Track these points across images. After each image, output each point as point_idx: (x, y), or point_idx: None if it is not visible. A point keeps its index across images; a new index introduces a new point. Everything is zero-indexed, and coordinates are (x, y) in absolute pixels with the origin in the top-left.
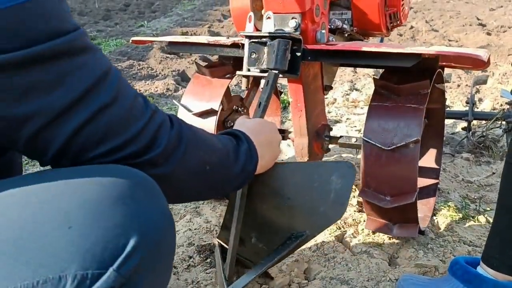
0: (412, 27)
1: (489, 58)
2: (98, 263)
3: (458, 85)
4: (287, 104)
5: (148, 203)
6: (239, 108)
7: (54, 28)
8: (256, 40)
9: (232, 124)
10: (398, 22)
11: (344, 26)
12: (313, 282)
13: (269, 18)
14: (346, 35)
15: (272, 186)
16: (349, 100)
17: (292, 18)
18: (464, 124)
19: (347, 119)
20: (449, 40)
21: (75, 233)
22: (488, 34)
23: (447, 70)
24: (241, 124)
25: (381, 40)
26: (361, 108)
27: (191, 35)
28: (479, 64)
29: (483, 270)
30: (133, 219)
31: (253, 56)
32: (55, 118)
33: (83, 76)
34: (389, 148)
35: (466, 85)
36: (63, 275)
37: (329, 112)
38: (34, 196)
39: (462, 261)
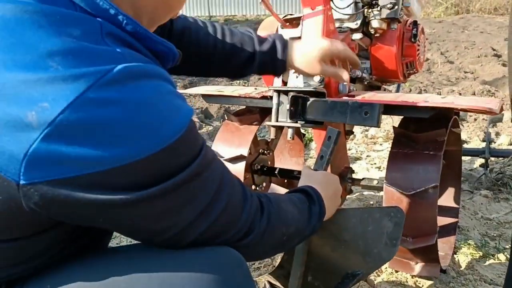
0: (427, 59)
1: (502, 107)
2: None
3: (475, 119)
4: (307, 141)
5: (239, 284)
6: (265, 151)
7: (189, 158)
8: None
9: (258, 167)
10: (414, 70)
11: (364, 75)
12: None
13: (295, 73)
14: (365, 83)
15: (330, 230)
16: (368, 136)
17: None
18: (482, 161)
19: (367, 156)
20: (465, 72)
21: None
22: (504, 65)
23: None
24: (309, 176)
25: (398, 86)
26: (380, 144)
27: None
28: (492, 113)
29: None
30: None
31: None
32: (182, 230)
33: (206, 191)
34: (410, 193)
35: (483, 119)
36: None
37: (349, 149)
38: (155, 268)
39: None
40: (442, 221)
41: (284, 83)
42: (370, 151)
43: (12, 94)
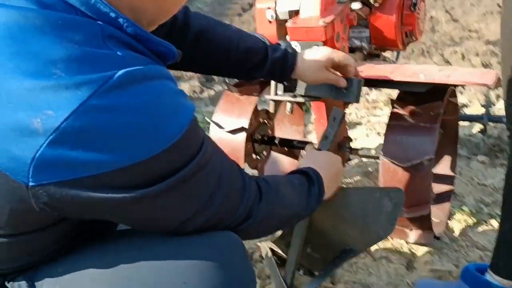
0: (431, 17)
1: (498, 79)
2: None
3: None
4: (307, 109)
5: (241, 272)
6: (265, 121)
7: (190, 155)
8: None
9: (259, 136)
10: (414, 38)
11: (363, 44)
12: (338, 286)
13: (296, 46)
14: (364, 52)
15: (331, 207)
16: (369, 101)
17: (315, 45)
18: (481, 126)
19: (367, 121)
20: (469, 31)
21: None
22: None
23: None
24: (312, 156)
25: (398, 54)
26: (381, 109)
27: None
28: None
29: (491, 276)
30: (227, 279)
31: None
32: (185, 221)
33: (207, 185)
34: (405, 166)
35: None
36: None
37: (349, 114)
38: (166, 250)
39: (472, 268)
40: (437, 188)
41: None
42: (370, 116)
43: (18, 101)
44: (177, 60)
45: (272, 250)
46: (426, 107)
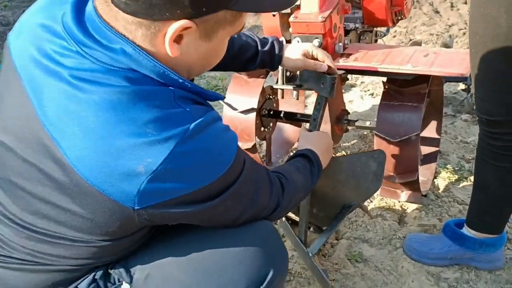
0: None
1: None
2: (255, 283)
3: (464, 33)
4: None
5: (278, 249)
6: (271, 96)
7: (239, 172)
8: None
9: (266, 111)
10: (403, 16)
11: (357, 25)
12: (341, 241)
13: (298, 41)
14: (358, 31)
15: (328, 174)
16: None
17: (316, 38)
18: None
19: (361, 82)
20: None
21: (244, 267)
22: None
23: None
24: (306, 137)
25: (387, 30)
26: None
27: None
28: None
29: (467, 230)
30: (271, 259)
31: (287, 74)
32: (236, 219)
33: (250, 191)
34: (396, 140)
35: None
36: None
37: (346, 80)
38: (223, 239)
39: (452, 223)
40: (425, 150)
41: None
42: (364, 77)
43: (126, 155)
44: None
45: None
46: (413, 88)
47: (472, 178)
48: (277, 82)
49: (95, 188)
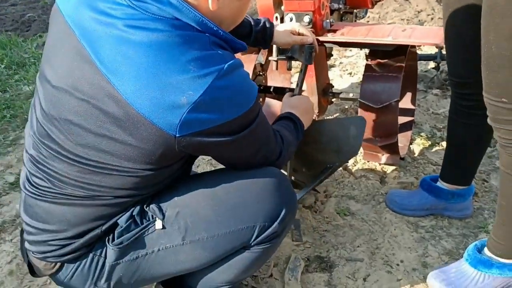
0: None
1: None
2: (270, 220)
3: (432, 19)
4: None
5: (289, 191)
6: (260, 72)
7: (256, 112)
8: None
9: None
10: None
11: (340, 6)
12: (330, 199)
13: (291, 19)
14: (341, 12)
15: (312, 136)
16: None
17: (306, 15)
18: (435, 63)
19: (340, 63)
20: None
21: (261, 205)
22: None
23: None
24: (288, 102)
25: (366, 12)
26: (350, 50)
27: None
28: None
29: (441, 183)
30: (283, 200)
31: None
32: (253, 155)
33: (265, 131)
34: (378, 106)
35: (439, 18)
36: (255, 225)
37: (331, 56)
38: (242, 182)
39: (427, 179)
40: (402, 119)
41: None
42: (342, 58)
43: (172, 88)
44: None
45: None
46: (392, 60)
47: (443, 143)
48: (271, 55)
49: (145, 118)
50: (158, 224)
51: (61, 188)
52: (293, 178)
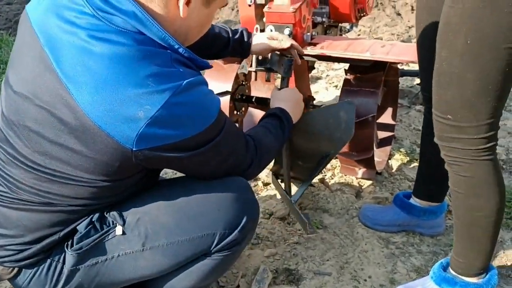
0: None
1: None
2: (230, 228)
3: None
4: None
5: (251, 200)
6: (243, 82)
7: (219, 128)
8: None
9: (238, 96)
10: (365, 13)
11: (323, 19)
12: (304, 212)
13: (271, 30)
14: (324, 25)
15: (303, 127)
16: None
17: (287, 27)
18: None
19: (326, 75)
20: None
21: (221, 213)
22: None
23: None
24: (276, 96)
25: (351, 26)
26: (338, 63)
27: None
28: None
29: (414, 200)
30: (245, 209)
31: (260, 58)
32: (215, 170)
33: (228, 146)
34: (356, 121)
35: None
36: (216, 232)
37: (312, 69)
38: (204, 189)
39: (401, 195)
40: (381, 134)
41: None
42: (330, 70)
43: (130, 102)
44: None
45: (273, 173)
46: (371, 75)
47: None
48: (250, 66)
49: (101, 130)
50: (119, 230)
51: (17, 194)
52: (292, 174)
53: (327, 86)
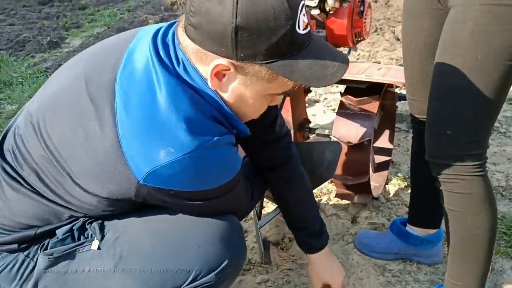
0: None
1: None
2: (208, 269)
3: None
4: None
5: (237, 243)
6: None
7: (230, 187)
8: None
9: None
10: (362, 38)
11: None
12: (269, 239)
13: None
14: None
15: None
16: None
17: None
18: None
19: (324, 99)
20: None
21: (201, 251)
22: None
23: None
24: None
25: (349, 51)
26: (337, 86)
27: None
28: None
29: (410, 227)
30: (228, 251)
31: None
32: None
33: (234, 200)
34: (350, 145)
35: None
36: (191, 270)
37: (309, 92)
38: (190, 221)
39: (398, 221)
40: (378, 159)
41: None
42: (328, 94)
43: (155, 139)
44: (248, 135)
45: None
46: (366, 99)
47: None
48: None
49: (122, 149)
50: (95, 244)
51: (21, 168)
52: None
53: (324, 109)
